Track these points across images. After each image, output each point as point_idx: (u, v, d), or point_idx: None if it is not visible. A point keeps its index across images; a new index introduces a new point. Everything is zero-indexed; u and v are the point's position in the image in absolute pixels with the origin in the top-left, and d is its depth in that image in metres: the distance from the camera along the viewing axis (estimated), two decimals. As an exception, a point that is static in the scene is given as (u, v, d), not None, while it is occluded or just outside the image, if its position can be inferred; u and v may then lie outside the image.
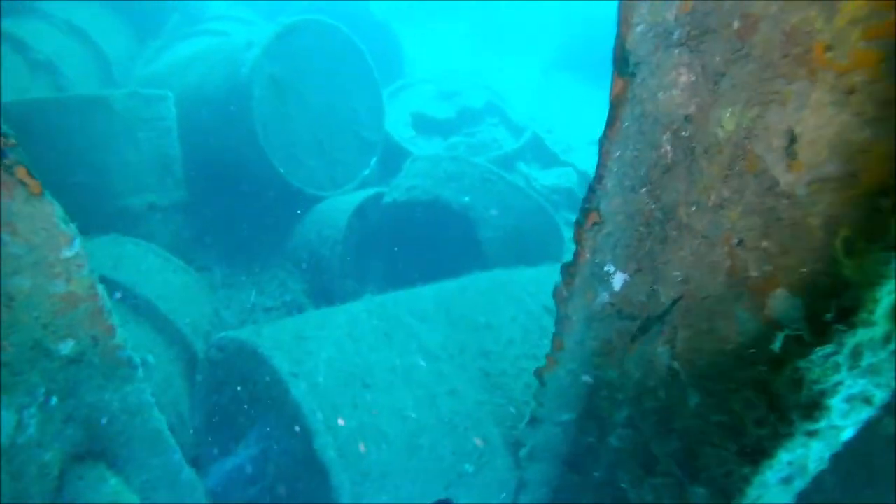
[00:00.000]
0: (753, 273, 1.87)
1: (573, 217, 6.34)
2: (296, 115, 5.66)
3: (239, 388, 3.39)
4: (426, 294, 3.78)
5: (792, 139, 1.67)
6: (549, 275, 4.40)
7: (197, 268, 5.36)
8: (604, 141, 2.00)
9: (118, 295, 3.83)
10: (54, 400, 2.24)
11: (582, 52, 8.35)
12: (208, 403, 3.69)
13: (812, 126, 1.61)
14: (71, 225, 2.01)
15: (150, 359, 3.50)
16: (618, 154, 2.01)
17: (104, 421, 2.47)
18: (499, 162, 6.37)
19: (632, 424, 2.64)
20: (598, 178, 2.06)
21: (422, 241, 5.62)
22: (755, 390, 1.97)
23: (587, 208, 2.14)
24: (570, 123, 7.14)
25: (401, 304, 3.58)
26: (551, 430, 2.95)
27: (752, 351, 1.93)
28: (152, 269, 4.33)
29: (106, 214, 4.87)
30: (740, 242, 1.89)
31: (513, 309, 3.89)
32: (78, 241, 2.01)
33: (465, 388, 3.26)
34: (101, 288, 2.14)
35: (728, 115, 1.79)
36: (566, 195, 6.32)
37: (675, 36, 1.82)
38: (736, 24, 1.68)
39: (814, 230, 1.68)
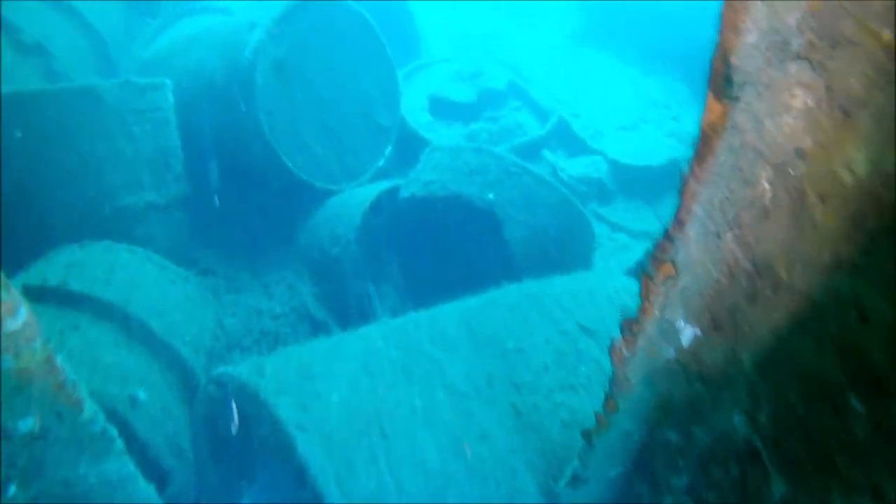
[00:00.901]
0: (880, 359, 1.46)
1: (602, 209, 5.90)
2: (304, 101, 5.22)
3: (242, 428, 3.02)
4: (449, 314, 3.37)
5: (958, 197, 1.24)
6: (583, 283, 3.99)
7: (199, 271, 4.98)
8: (689, 180, 1.57)
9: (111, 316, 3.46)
10: (13, 489, 1.86)
11: (607, 21, 7.77)
12: (210, 437, 3.33)
13: None
14: (13, 291, 1.62)
15: (142, 395, 3.12)
16: (705, 196, 1.58)
17: (80, 496, 2.10)
18: (523, 150, 5.92)
19: (694, 493, 2.24)
20: (679, 223, 1.64)
21: (442, 237, 5.21)
22: (870, 497, 1.56)
23: (660, 259, 1.72)
24: (597, 105, 6.65)
25: (421, 329, 3.18)
26: (595, 487, 2.56)
27: (870, 453, 1.52)
28: (148, 280, 3.95)
29: (100, 216, 4.47)
30: (864, 318, 1.47)
31: (545, 328, 3.49)
32: (24, 311, 1.62)
33: (495, 430, 2.87)
34: (60, 359, 1.75)
35: (861, 154, 1.36)
36: (595, 186, 5.87)
37: (794, 46, 1.39)
38: (887, 34, 1.24)
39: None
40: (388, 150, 5.65)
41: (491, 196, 4.66)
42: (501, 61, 6.78)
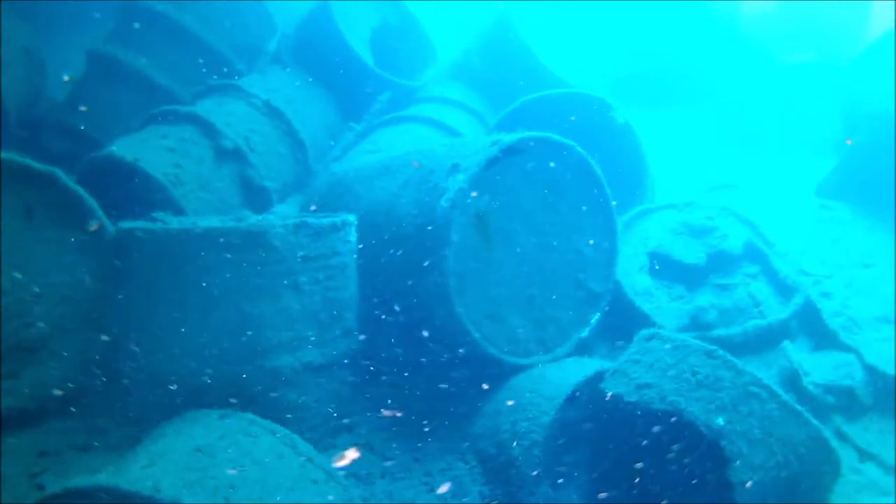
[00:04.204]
0: None
1: (848, 427, 4.59)
2: (502, 260, 4.44)
3: None
4: None
5: None
6: None
7: (352, 443, 4.26)
8: None
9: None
10: None
11: (866, 176, 6.39)
12: None
13: None
14: None
15: None
16: None
17: None
18: (759, 336, 4.81)
19: None
20: None
21: (647, 446, 4.19)
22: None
23: None
24: (854, 284, 5.36)
25: None
26: None
27: None
28: (284, 484, 3.24)
29: (249, 376, 3.86)
30: None
31: None
32: None
33: None
34: None
35: None
36: (844, 397, 4.61)
37: None
38: None
39: None
40: (595, 318, 4.73)
41: (720, 422, 3.61)
42: (737, 215, 5.68)
